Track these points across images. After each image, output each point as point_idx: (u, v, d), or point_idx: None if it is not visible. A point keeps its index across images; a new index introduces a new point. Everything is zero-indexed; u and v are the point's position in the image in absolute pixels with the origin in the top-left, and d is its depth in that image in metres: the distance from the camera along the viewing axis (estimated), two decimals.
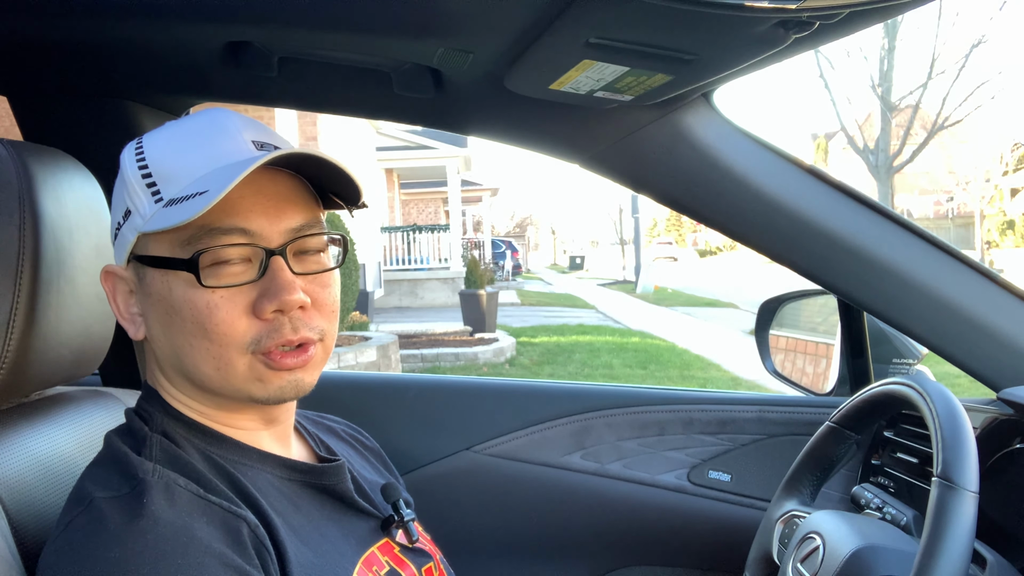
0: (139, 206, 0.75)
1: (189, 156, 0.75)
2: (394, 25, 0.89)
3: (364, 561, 0.81)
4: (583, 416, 1.40)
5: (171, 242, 0.74)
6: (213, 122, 0.78)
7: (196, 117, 0.80)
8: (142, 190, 0.75)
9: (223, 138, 0.76)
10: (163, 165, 0.75)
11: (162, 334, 0.76)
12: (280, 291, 0.73)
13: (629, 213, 23.51)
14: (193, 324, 0.73)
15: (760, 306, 1.56)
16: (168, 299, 0.74)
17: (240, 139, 0.77)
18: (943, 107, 18.90)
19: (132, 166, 0.77)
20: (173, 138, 0.78)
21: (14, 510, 0.78)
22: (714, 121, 1.08)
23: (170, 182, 0.74)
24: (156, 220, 0.73)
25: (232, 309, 0.73)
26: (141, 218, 0.75)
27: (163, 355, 0.78)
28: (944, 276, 1.07)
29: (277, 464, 0.81)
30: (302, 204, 0.78)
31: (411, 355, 8.32)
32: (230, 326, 0.73)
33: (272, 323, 0.74)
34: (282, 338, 0.74)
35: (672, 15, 0.71)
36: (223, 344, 0.73)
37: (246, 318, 0.73)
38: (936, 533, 0.72)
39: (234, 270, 0.73)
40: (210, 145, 0.76)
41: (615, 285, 23.22)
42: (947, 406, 0.79)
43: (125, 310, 0.79)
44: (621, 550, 1.40)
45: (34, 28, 0.97)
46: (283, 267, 0.74)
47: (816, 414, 1.35)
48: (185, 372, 0.77)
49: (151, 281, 0.76)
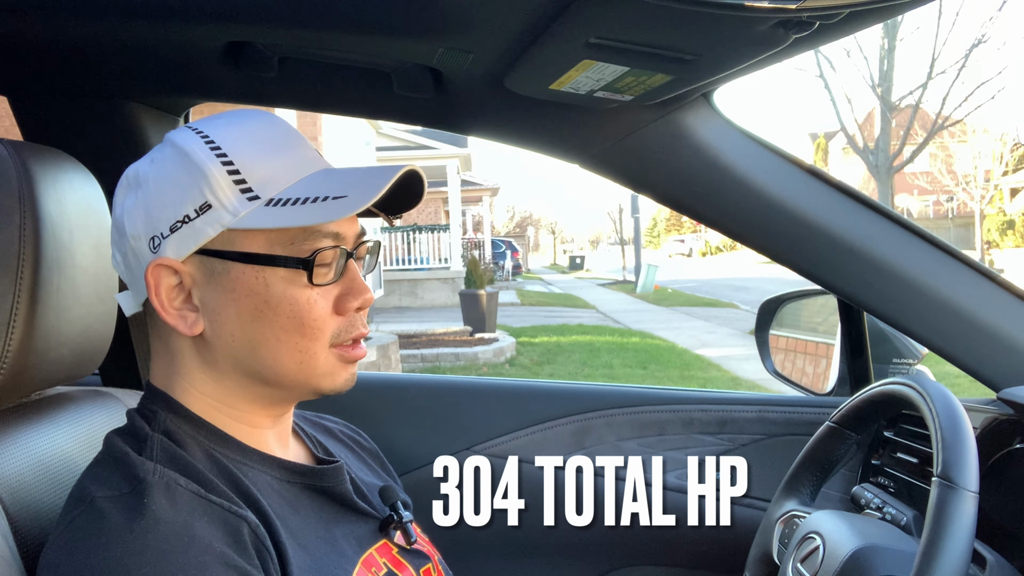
0: (224, 201, 0.75)
1: (278, 157, 0.79)
2: (394, 25, 0.89)
3: (363, 563, 0.81)
4: (583, 416, 1.40)
5: (269, 240, 0.76)
6: (281, 126, 0.81)
7: (254, 117, 0.81)
8: (228, 185, 0.75)
9: (302, 145, 0.81)
10: (250, 163, 0.76)
11: (239, 328, 0.77)
12: (363, 290, 0.80)
13: (629, 213, 23.52)
14: (289, 319, 0.76)
15: (760, 306, 1.56)
16: (263, 295, 0.76)
17: (311, 146, 0.82)
18: (943, 107, 18.90)
19: (210, 159, 0.76)
20: (249, 136, 0.79)
21: (14, 510, 0.78)
22: (714, 121, 1.08)
23: (266, 183, 0.76)
24: (261, 218, 0.75)
25: (326, 306, 0.78)
26: (229, 214, 0.75)
27: (227, 348, 0.78)
28: (944, 276, 1.07)
29: (276, 466, 0.81)
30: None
31: (411, 355, 8.32)
32: (323, 321, 0.78)
33: (349, 319, 0.80)
34: (358, 332, 0.81)
35: (672, 15, 0.71)
36: (313, 338, 0.78)
37: (330, 315, 0.79)
38: (936, 533, 0.72)
39: (324, 270, 0.78)
40: (294, 150, 0.80)
41: (615, 285, 23.22)
42: (947, 406, 0.79)
43: (169, 304, 0.77)
44: (621, 550, 1.40)
45: (34, 28, 0.97)
46: (358, 268, 0.82)
47: (816, 414, 1.35)
48: (256, 365, 0.78)
49: (237, 276, 0.76)
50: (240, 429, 0.80)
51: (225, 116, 0.82)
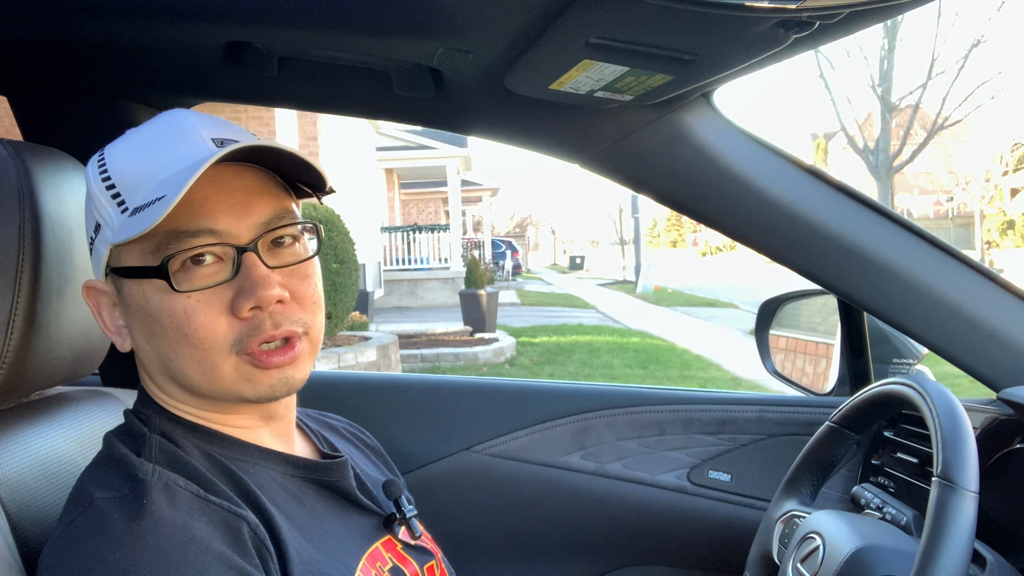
0: (107, 218, 0.75)
1: (149, 161, 0.74)
2: (394, 25, 0.89)
3: (368, 557, 0.81)
4: (583, 416, 1.40)
5: (141, 251, 0.73)
6: (170, 124, 0.77)
7: (154, 121, 0.79)
8: (108, 202, 0.75)
9: (180, 139, 0.75)
10: (125, 174, 0.75)
11: (146, 343, 0.76)
12: (255, 287, 0.72)
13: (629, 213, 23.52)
14: (173, 331, 0.73)
15: (760, 306, 1.56)
16: (146, 308, 0.74)
17: (198, 138, 0.76)
18: (943, 107, 18.91)
19: (96, 179, 0.76)
20: (132, 145, 0.77)
21: (14, 510, 0.78)
22: (714, 121, 1.08)
23: (134, 191, 0.73)
24: (123, 230, 0.72)
25: (209, 311, 0.72)
26: (111, 230, 0.74)
27: (150, 363, 0.78)
28: (944, 276, 1.07)
29: (280, 460, 0.81)
30: (269, 197, 0.77)
31: (411, 355, 8.32)
32: (210, 329, 0.72)
33: (252, 321, 0.73)
34: (263, 334, 0.73)
35: (672, 15, 0.71)
36: (205, 348, 0.73)
37: (225, 319, 0.73)
38: (936, 533, 0.72)
39: (207, 271, 0.73)
40: (168, 148, 0.75)
41: (615, 285, 23.22)
42: (947, 406, 0.79)
43: (111, 323, 0.79)
44: (621, 550, 1.40)
45: (34, 28, 0.97)
46: (256, 263, 0.73)
47: (816, 414, 1.35)
48: (174, 378, 0.77)
49: (128, 292, 0.75)
50: (232, 430, 0.80)
51: (134, 128, 0.79)
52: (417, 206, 27.98)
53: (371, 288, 12.76)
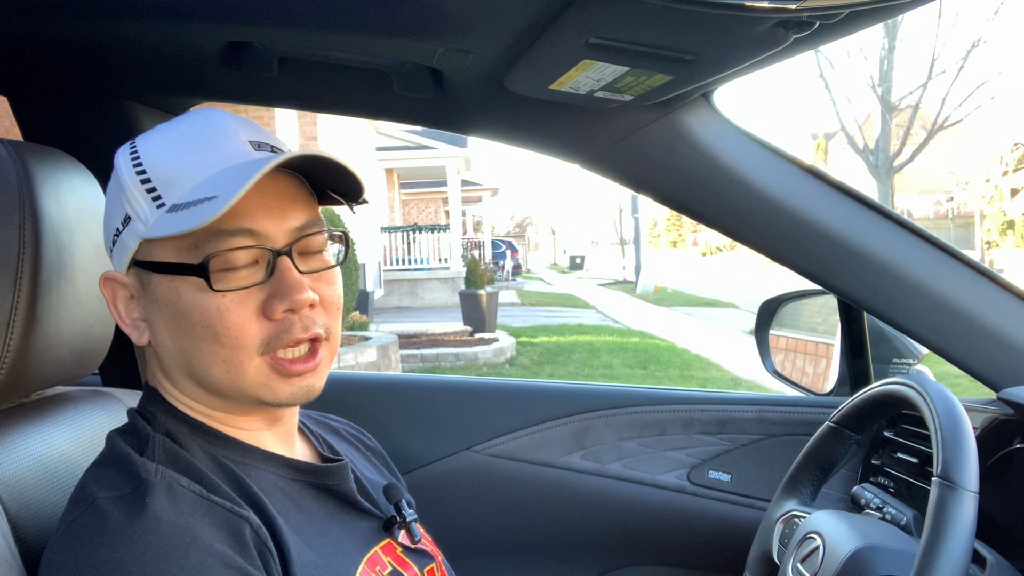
0: (139, 212, 0.75)
1: (188, 159, 0.75)
2: (394, 25, 0.89)
3: (367, 561, 0.81)
4: (583, 416, 1.40)
5: (177, 247, 0.74)
6: (209, 123, 0.78)
7: (189, 118, 0.79)
8: (141, 195, 0.75)
9: (221, 140, 0.76)
10: (162, 169, 0.75)
11: (170, 339, 0.76)
12: (291, 291, 0.73)
13: (629, 213, 23.51)
14: (203, 328, 0.73)
15: (760, 306, 1.56)
16: (177, 304, 0.74)
17: (238, 140, 0.77)
18: (943, 107, 18.89)
19: (129, 171, 0.76)
20: (169, 141, 0.77)
21: (14, 510, 0.78)
22: (714, 121, 1.08)
23: (171, 187, 0.74)
24: (161, 226, 0.72)
25: (243, 312, 0.73)
26: (143, 224, 0.74)
27: (169, 359, 0.78)
28: (944, 276, 1.07)
29: (280, 464, 0.81)
30: (303, 203, 0.78)
31: (411, 355, 8.32)
32: (241, 329, 0.73)
33: (282, 323, 0.74)
34: (292, 337, 0.74)
35: (672, 15, 0.71)
36: (234, 347, 0.73)
37: (256, 320, 0.74)
38: (936, 533, 0.72)
39: (242, 273, 0.74)
40: (209, 147, 0.76)
41: (615, 285, 23.21)
42: (947, 406, 0.79)
43: (126, 315, 0.79)
44: (621, 550, 1.40)
45: (34, 28, 0.97)
46: (291, 267, 0.75)
47: (816, 414, 1.35)
48: (194, 375, 0.77)
49: (157, 287, 0.75)
50: (236, 431, 0.80)
51: (167, 123, 0.80)
52: (417, 206, 27.98)
53: (371, 288, 12.75)
